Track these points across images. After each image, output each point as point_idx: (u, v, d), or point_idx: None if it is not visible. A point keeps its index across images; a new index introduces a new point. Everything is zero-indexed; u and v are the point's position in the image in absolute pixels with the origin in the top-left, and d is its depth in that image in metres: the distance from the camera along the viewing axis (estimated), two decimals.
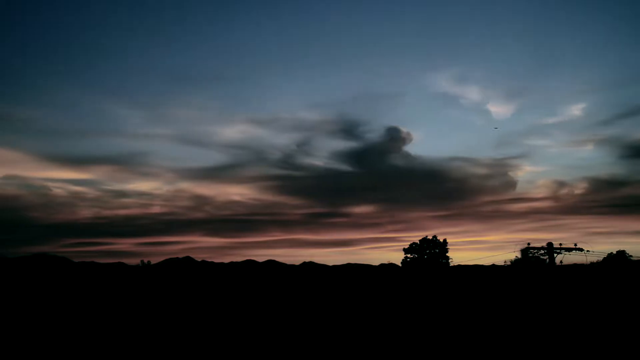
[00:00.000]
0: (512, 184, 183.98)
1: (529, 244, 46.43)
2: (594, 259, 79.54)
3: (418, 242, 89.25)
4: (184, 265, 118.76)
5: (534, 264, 74.98)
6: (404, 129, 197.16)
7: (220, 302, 52.79)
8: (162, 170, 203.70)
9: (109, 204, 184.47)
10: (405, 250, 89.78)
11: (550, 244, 43.49)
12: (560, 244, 43.45)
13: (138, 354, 28.18)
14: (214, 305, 49.40)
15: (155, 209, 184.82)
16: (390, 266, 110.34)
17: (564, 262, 44.41)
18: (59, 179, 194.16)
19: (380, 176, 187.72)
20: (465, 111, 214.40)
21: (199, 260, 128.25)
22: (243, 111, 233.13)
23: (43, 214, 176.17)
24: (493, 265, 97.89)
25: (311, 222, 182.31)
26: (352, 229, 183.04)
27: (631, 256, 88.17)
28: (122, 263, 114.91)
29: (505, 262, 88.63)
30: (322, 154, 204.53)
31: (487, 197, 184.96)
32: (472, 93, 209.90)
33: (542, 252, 46.66)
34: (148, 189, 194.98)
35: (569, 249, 43.57)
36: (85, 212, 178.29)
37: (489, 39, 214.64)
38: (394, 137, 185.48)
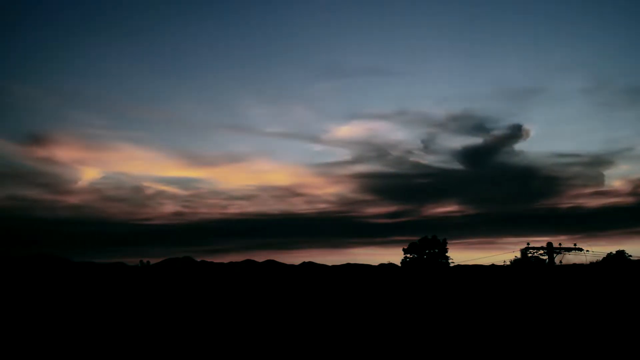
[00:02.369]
0: (599, 182, 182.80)
1: (528, 243, 46.41)
2: (594, 259, 79.69)
3: (417, 241, 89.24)
4: (184, 265, 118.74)
5: (534, 264, 74.94)
6: (525, 126, 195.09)
7: (220, 302, 52.75)
8: (272, 168, 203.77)
9: (194, 203, 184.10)
10: (405, 250, 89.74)
11: (549, 244, 43.48)
12: (560, 244, 43.47)
13: (137, 354, 28.14)
14: (213, 305, 49.36)
15: (232, 209, 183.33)
16: (390, 266, 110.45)
17: (564, 262, 44.45)
18: (160, 177, 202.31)
19: (480, 175, 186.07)
20: (591, 108, 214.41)
21: (199, 260, 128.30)
22: (368, 106, 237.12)
23: (123, 214, 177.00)
24: (492, 266, 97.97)
25: (379, 223, 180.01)
26: (421, 230, 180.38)
27: (630, 256, 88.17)
28: (122, 263, 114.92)
29: (504, 262, 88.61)
30: (441, 151, 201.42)
31: (568, 194, 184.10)
32: (599, 91, 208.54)
33: (542, 252, 46.69)
34: (239, 187, 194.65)
35: (568, 249, 43.58)
36: (165, 213, 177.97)
37: (622, 37, 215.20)
38: (513, 135, 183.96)
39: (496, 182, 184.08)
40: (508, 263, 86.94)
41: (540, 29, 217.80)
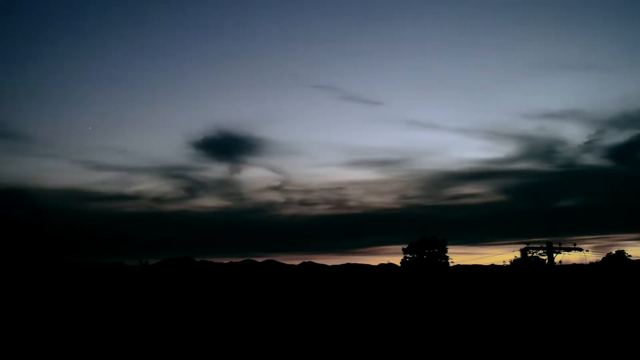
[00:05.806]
0: None
1: (528, 243, 46.29)
2: (594, 258, 79.47)
3: (417, 241, 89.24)
4: (183, 265, 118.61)
5: (533, 264, 74.88)
6: None
7: (220, 302, 52.67)
8: (426, 165, 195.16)
9: (318, 198, 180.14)
10: (405, 250, 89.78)
11: (549, 244, 43.35)
12: (560, 244, 43.33)
13: (136, 355, 28.03)
14: (213, 305, 49.27)
15: (343, 208, 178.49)
16: (390, 266, 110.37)
17: (564, 262, 44.32)
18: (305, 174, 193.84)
19: (613, 172, 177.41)
20: None
21: (199, 260, 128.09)
22: (542, 103, 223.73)
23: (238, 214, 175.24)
24: (492, 265, 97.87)
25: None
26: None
27: (630, 256, 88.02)
28: (121, 263, 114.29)
29: (504, 262, 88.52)
30: (598, 149, 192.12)
31: None
32: None
33: (542, 252, 46.55)
34: (374, 185, 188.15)
35: (568, 249, 43.43)
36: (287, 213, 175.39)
37: None
38: None
39: (621, 179, 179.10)
40: (508, 263, 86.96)
41: None
